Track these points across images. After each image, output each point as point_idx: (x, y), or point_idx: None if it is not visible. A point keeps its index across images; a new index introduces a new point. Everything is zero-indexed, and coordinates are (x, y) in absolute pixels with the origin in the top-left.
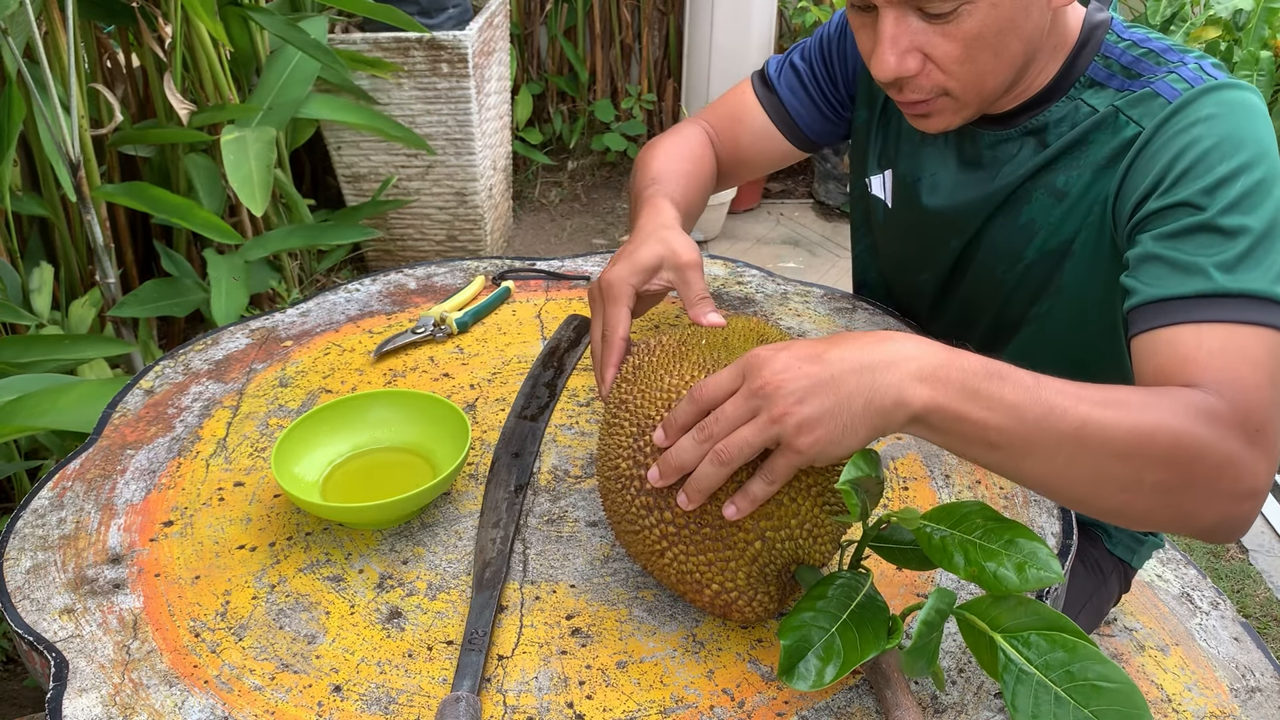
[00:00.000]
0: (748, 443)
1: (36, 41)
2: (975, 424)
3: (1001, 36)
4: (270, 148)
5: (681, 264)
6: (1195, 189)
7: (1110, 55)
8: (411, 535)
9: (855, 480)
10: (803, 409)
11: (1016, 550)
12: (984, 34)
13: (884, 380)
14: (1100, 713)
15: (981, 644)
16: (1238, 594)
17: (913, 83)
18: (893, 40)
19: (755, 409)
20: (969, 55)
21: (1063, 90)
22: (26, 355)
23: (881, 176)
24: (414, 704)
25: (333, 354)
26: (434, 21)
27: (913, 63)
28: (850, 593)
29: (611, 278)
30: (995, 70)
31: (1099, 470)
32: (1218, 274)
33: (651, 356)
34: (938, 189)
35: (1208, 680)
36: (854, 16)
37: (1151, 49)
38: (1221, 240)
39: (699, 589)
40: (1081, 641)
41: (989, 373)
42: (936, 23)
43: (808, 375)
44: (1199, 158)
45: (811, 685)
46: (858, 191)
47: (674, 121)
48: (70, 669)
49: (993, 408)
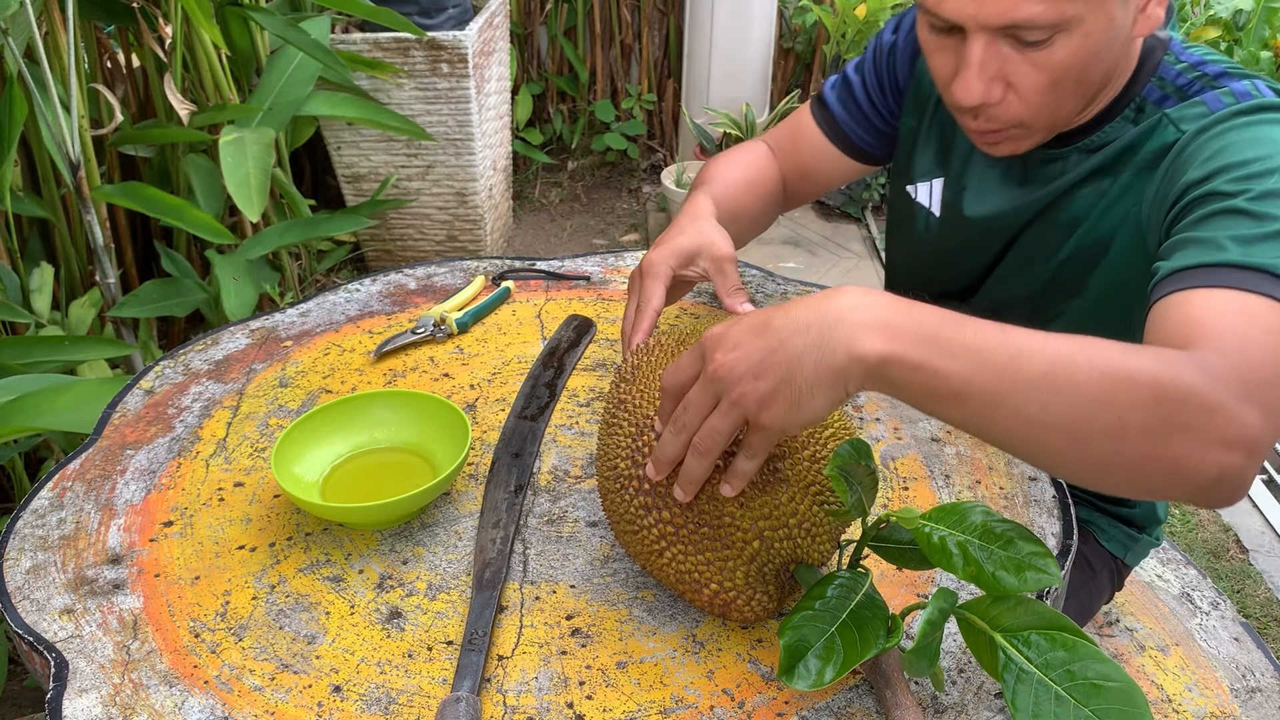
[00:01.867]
0: (719, 430)
1: (37, 41)
2: (937, 373)
3: (1087, 68)
4: (269, 150)
5: (718, 255)
6: (1227, 178)
7: (1165, 77)
8: (411, 535)
9: (843, 468)
10: (759, 385)
11: (1015, 551)
12: (1072, 65)
13: (833, 337)
14: (1101, 711)
15: (981, 643)
16: (1238, 594)
17: (990, 111)
18: (981, 66)
19: (716, 394)
20: (1053, 85)
21: (1117, 112)
22: (26, 355)
23: (929, 185)
24: (414, 704)
25: (333, 354)
26: (434, 22)
27: (998, 91)
28: (850, 592)
29: (652, 258)
30: (1074, 100)
31: (1077, 418)
32: (1234, 247)
33: (650, 356)
34: (984, 199)
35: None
36: (932, 38)
37: (1206, 72)
38: (1245, 220)
39: (698, 588)
40: (1081, 640)
41: (945, 317)
42: (1027, 51)
43: (757, 349)
44: (1235, 156)
45: (811, 685)
46: (896, 197)
47: (674, 122)
48: (70, 669)
49: (954, 354)
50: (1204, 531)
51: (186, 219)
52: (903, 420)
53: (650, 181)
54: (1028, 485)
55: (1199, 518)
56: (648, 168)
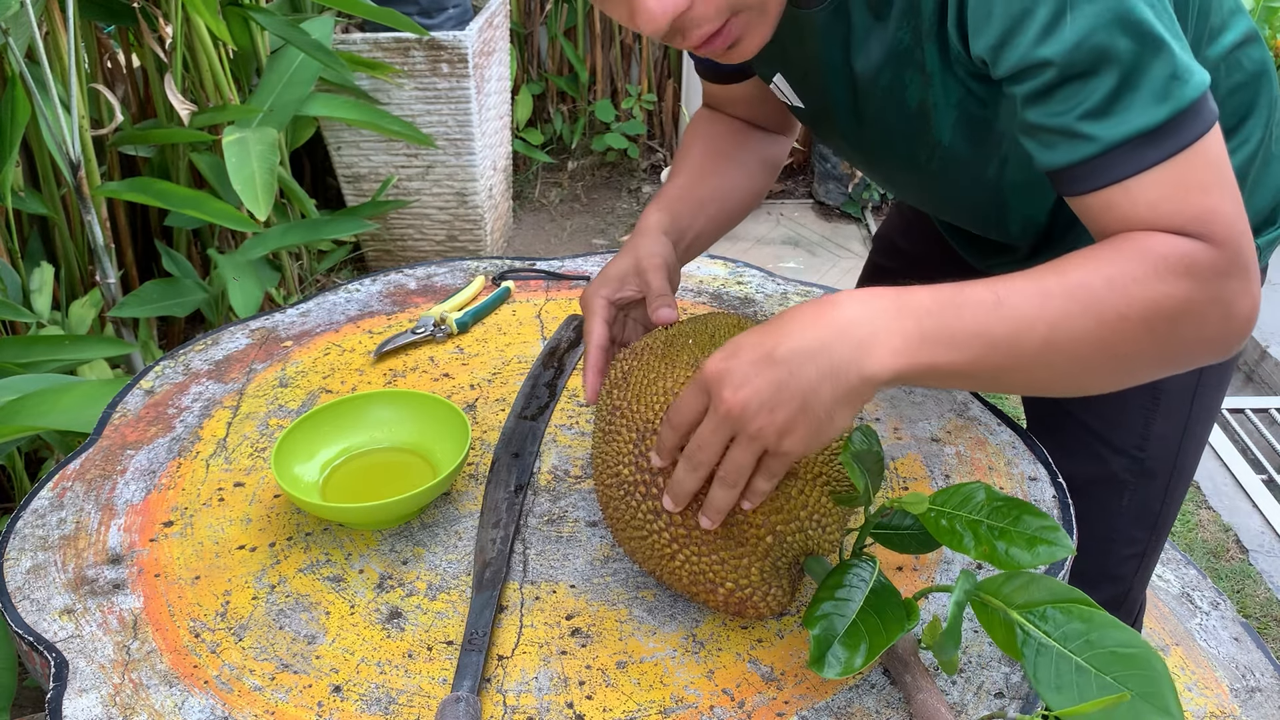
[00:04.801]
0: (743, 464)
1: (37, 41)
2: (947, 368)
3: None
4: (273, 149)
5: (642, 268)
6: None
7: None
8: (411, 535)
9: (856, 454)
10: (775, 417)
11: (1025, 527)
12: None
13: (840, 358)
14: (1122, 678)
15: (996, 622)
16: (1238, 594)
17: (692, 17)
18: None
19: (732, 431)
20: None
21: None
22: (27, 355)
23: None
24: (414, 704)
25: (333, 354)
26: (434, 22)
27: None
28: (864, 581)
29: (586, 294)
30: None
31: (1084, 364)
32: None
33: (640, 360)
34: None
35: (1208, 680)
36: None
37: None
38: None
39: (712, 589)
40: (1097, 611)
41: (942, 305)
42: None
43: (768, 383)
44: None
45: (841, 673)
46: None
47: (674, 122)
48: (70, 669)
49: (959, 345)
50: (1204, 531)
51: (207, 210)
52: (903, 420)
53: (650, 181)
54: (1027, 485)
55: (1199, 518)
56: (648, 168)
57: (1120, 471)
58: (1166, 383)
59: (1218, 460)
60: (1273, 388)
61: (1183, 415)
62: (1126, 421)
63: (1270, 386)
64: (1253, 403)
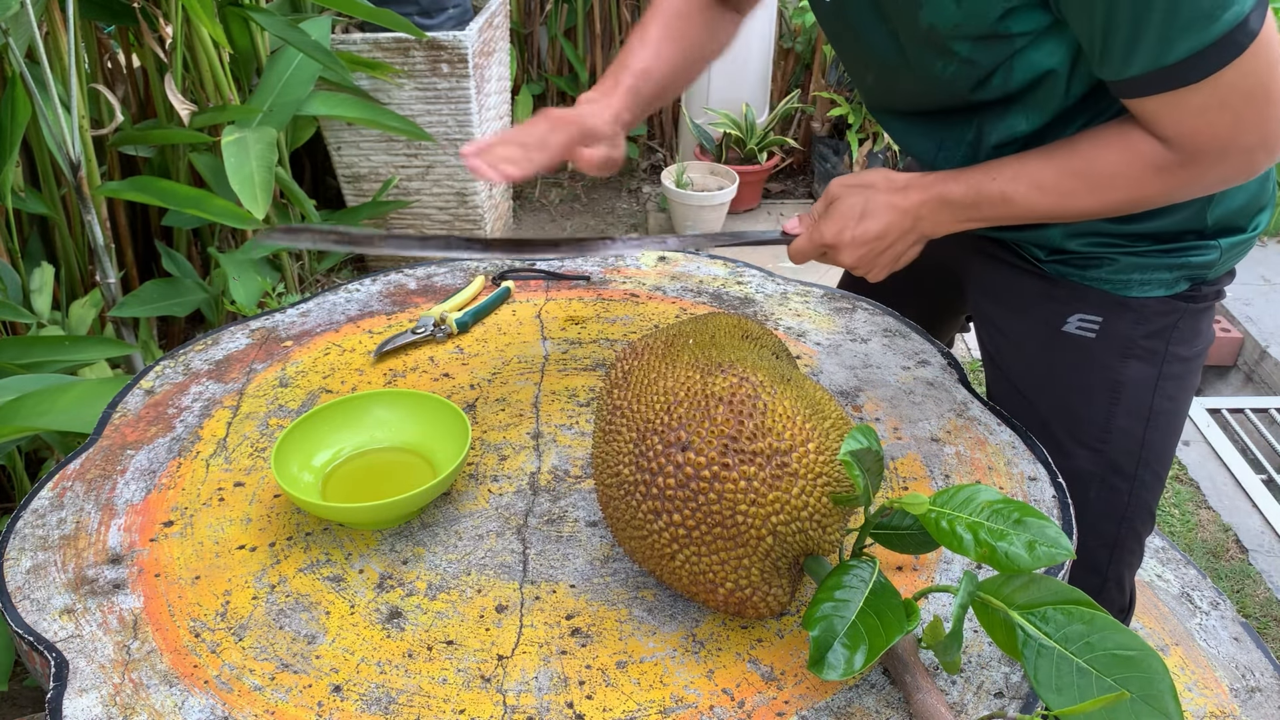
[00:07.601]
0: None
1: (37, 42)
2: None
3: None
4: (271, 149)
5: None
6: None
7: None
8: (411, 535)
9: (855, 452)
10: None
11: (1025, 529)
12: None
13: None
14: (1123, 680)
15: (996, 623)
16: (1238, 594)
17: None
18: None
19: None
20: None
21: None
22: (27, 355)
23: None
24: (414, 704)
25: (333, 354)
26: (434, 22)
27: None
28: (864, 581)
29: None
30: None
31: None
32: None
33: (640, 360)
34: None
35: (1208, 680)
36: None
37: None
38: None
39: (712, 589)
40: (1098, 613)
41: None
42: None
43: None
44: None
45: (842, 675)
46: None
47: (674, 122)
48: (70, 669)
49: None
50: (1204, 531)
51: (209, 208)
52: (903, 420)
53: (650, 181)
54: (1027, 485)
55: (1199, 518)
56: (648, 168)
57: (1084, 464)
58: (1127, 376)
59: (1218, 460)
60: (1273, 388)
61: (1144, 408)
62: (1088, 415)
63: (1270, 386)
64: (1253, 403)
